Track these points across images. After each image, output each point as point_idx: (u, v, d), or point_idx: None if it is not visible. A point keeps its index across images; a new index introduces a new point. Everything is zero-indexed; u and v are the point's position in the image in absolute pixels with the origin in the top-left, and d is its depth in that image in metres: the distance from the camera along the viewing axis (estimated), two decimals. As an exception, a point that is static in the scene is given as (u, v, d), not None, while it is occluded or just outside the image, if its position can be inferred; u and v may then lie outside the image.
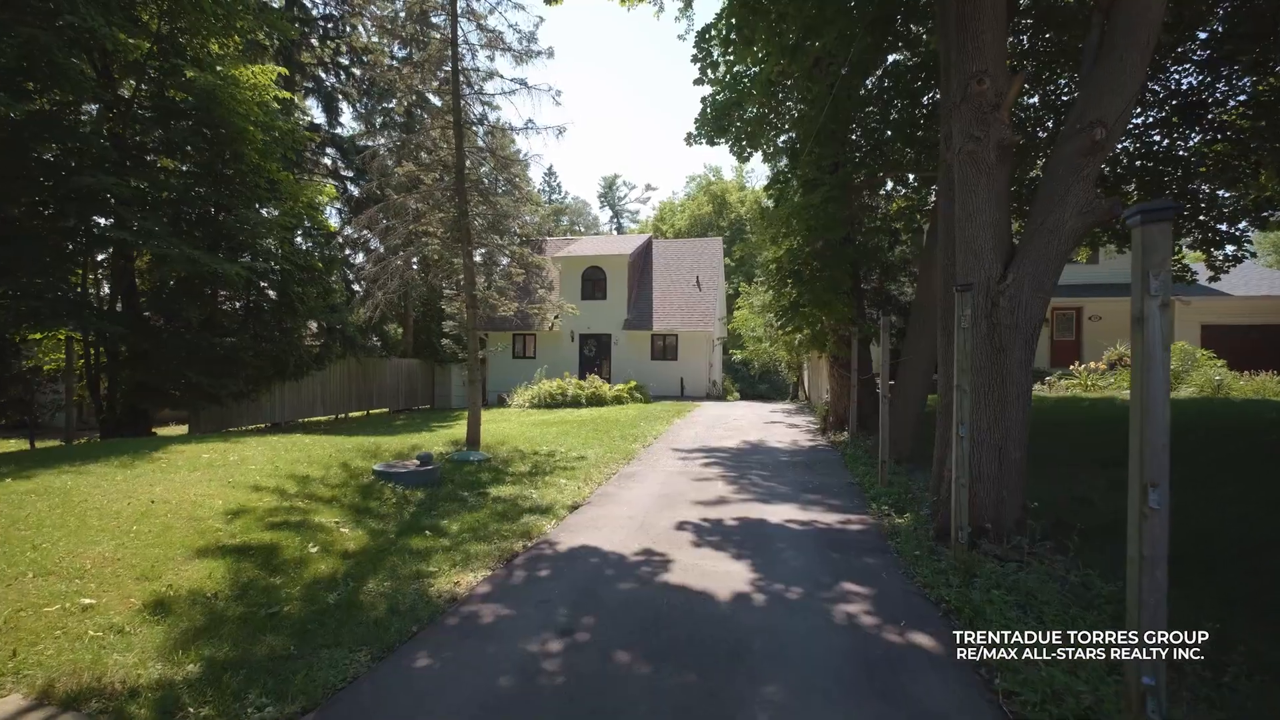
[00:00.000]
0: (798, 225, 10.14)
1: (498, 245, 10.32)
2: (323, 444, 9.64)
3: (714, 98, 10.82)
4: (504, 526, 5.82)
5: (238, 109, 11.74)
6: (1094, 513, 5.36)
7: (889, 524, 5.66)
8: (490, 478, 7.96)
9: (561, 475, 8.26)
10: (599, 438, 11.77)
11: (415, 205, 10.48)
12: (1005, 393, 4.73)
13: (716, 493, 7.16)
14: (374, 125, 20.01)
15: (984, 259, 4.77)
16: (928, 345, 8.59)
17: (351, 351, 18.43)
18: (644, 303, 24.84)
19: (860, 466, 8.40)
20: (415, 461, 7.56)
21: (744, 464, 9.07)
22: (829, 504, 6.63)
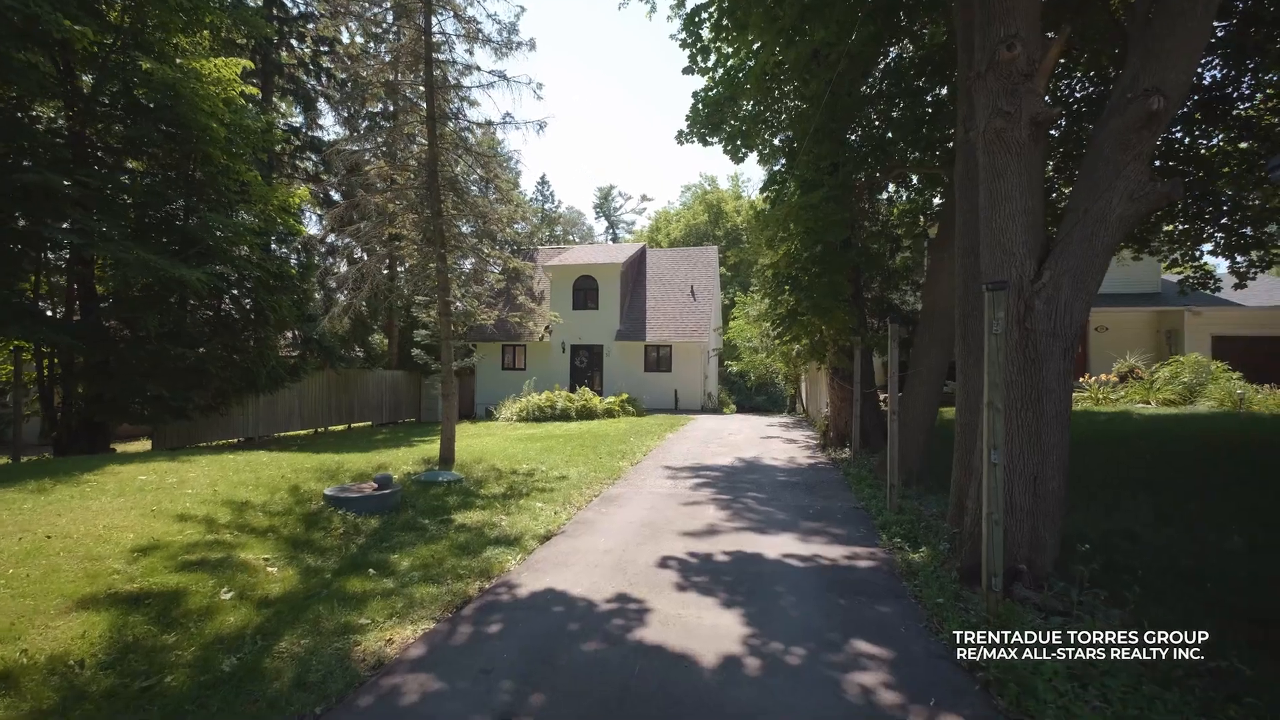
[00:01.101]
0: (795, 228, 9.49)
1: (473, 247, 9.62)
2: (281, 462, 8.87)
3: (706, 93, 10.20)
4: (462, 563, 5.07)
5: (201, 105, 11.07)
6: (1144, 549, 4.63)
7: (902, 560, 4.92)
8: (458, 501, 7.21)
9: (538, 498, 7.52)
10: (584, 454, 11.02)
11: (388, 205, 9.80)
12: (1041, 410, 4.03)
13: (706, 520, 6.41)
14: (359, 130, 19.38)
15: (1015, 255, 4.08)
16: (937, 356, 7.91)
17: (330, 363, 17.66)
18: (637, 313, 24.17)
19: (865, 488, 7.67)
20: (372, 484, 6.80)
21: (738, 485, 8.33)
22: (833, 534, 5.89)
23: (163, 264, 10.74)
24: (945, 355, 7.95)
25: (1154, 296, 18.14)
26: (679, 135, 10.76)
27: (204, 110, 11.18)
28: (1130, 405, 13.41)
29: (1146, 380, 14.29)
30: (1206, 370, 13.87)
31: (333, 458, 9.91)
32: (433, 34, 9.02)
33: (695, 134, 10.67)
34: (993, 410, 3.66)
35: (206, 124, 11.12)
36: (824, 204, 8.51)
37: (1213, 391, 12.57)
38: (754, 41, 8.35)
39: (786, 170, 10.51)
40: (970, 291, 5.16)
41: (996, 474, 3.64)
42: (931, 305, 8.03)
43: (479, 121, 9.65)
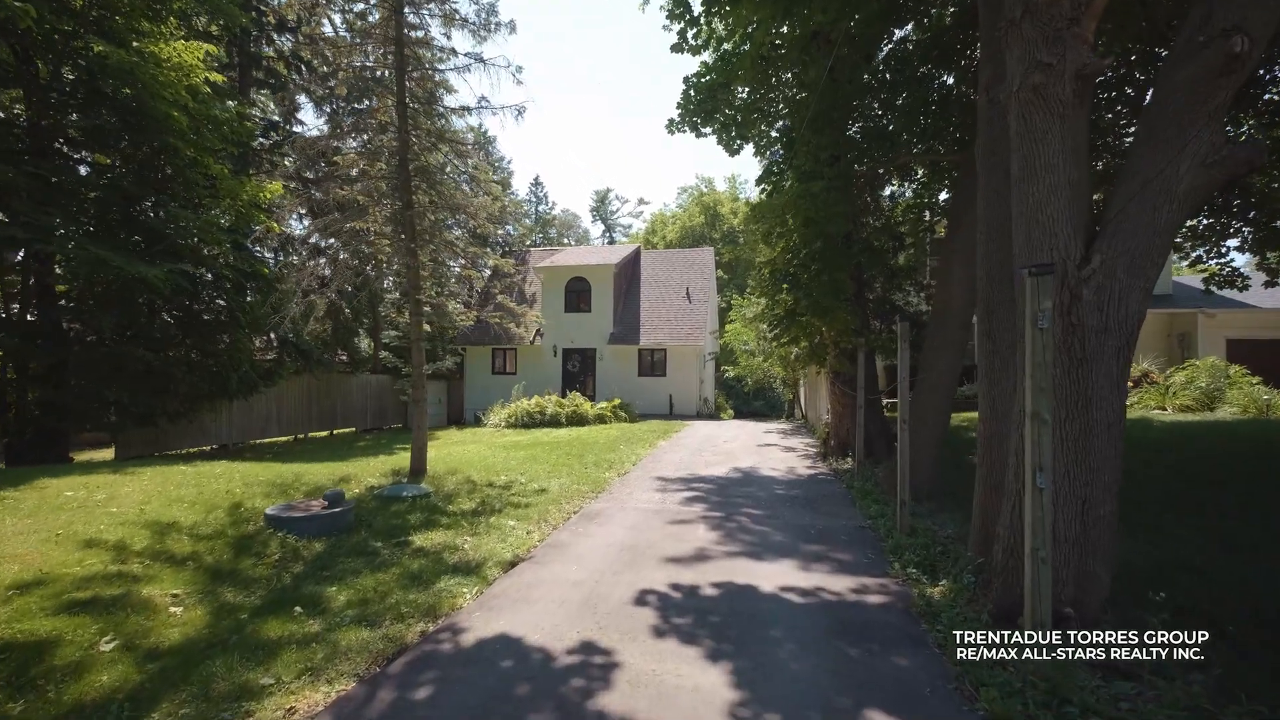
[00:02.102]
0: (794, 221, 8.82)
1: (447, 242, 8.94)
2: (236, 474, 8.16)
3: (698, 79, 9.55)
4: (409, 597, 4.37)
5: (162, 93, 10.40)
6: (1211, 587, 3.92)
7: (920, 595, 4.22)
8: (421, 519, 6.50)
9: (511, 515, 6.82)
10: (570, 464, 10.32)
11: (358, 197, 9.13)
12: (1089, 421, 3.34)
13: (695, 542, 5.71)
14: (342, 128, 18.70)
15: (1058, 235, 3.40)
16: (948, 360, 7.23)
17: (309, 367, 16.94)
18: (631, 316, 23.49)
19: (871, 504, 6.98)
20: (322, 502, 6.08)
21: (732, 499, 7.62)
22: (837, 560, 5.19)
23: (120, 261, 10.05)
24: (957, 358, 7.28)
25: (1165, 299, 17.50)
26: (669, 124, 10.10)
27: (165, 98, 10.51)
28: (1146, 412, 12.73)
29: (1161, 385, 13.63)
30: (1224, 374, 13.21)
31: (295, 468, 9.19)
32: (404, 13, 8.37)
33: (687, 122, 10.00)
34: (1038, 423, 2.97)
35: (168, 113, 10.44)
36: (824, 193, 7.85)
37: (1235, 397, 11.91)
38: (749, 18, 7.69)
39: (784, 161, 9.85)
40: (996, 282, 4.48)
41: (1042, 500, 2.95)
42: (942, 304, 7.36)
43: (454, 106, 8.97)
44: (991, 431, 4.44)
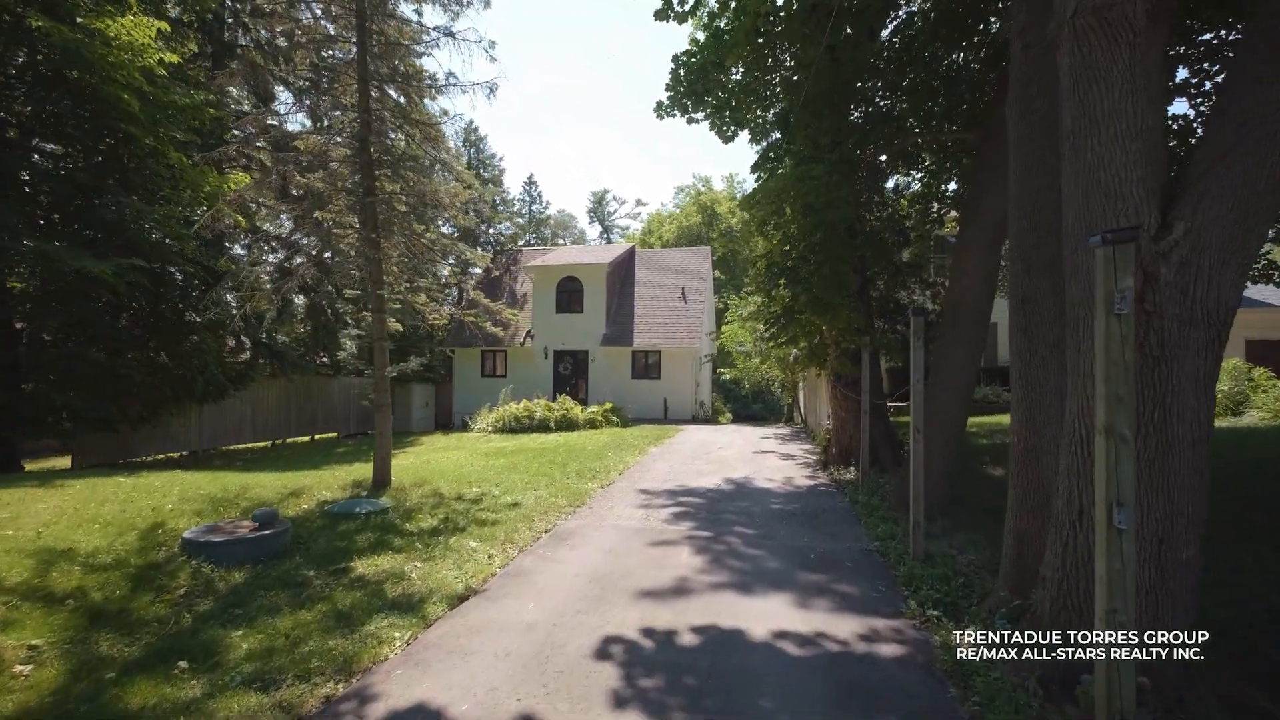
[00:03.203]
0: (792, 209, 8.09)
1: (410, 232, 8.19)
2: (177, 486, 7.40)
3: (688, 57, 8.82)
4: (326, 645, 3.62)
5: (114, 74, 9.66)
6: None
7: (945, 644, 3.47)
8: (370, 541, 5.74)
9: (474, 535, 6.07)
10: (551, 473, 9.57)
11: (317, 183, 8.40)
12: (1169, 437, 2.60)
13: (677, 570, 4.95)
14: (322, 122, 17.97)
15: (1124, 198, 2.67)
16: (962, 360, 6.48)
17: (284, 369, 16.17)
18: (624, 317, 22.73)
19: (878, 522, 6.22)
20: (251, 523, 5.32)
21: (723, 516, 6.87)
22: (841, 594, 4.43)
23: (61, 255, 9.30)
24: (973, 359, 6.54)
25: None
26: (658, 107, 9.35)
27: (117, 81, 9.78)
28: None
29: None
30: (1246, 377, 12.49)
31: (250, 479, 8.43)
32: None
33: (677, 105, 9.26)
34: (1114, 441, 2.22)
35: (119, 96, 9.70)
36: (825, 177, 7.11)
37: (1263, 402, 11.17)
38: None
39: (782, 145, 9.13)
40: (1033, 268, 3.73)
41: (1122, 546, 2.20)
42: (955, 299, 6.62)
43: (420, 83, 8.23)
44: (1028, 445, 3.69)
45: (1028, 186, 3.77)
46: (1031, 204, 3.75)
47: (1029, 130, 3.72)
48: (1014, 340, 3.82)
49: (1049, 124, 3.54)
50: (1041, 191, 3.64)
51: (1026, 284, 3.75)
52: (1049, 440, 3.60)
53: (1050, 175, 3.55)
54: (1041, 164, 3.63)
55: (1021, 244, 3.79)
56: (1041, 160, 3.62)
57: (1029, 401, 3.71)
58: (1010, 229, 3.92)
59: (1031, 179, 3.71)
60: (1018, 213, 3.85)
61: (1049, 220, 3.60)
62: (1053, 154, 3.50)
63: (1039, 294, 3.68)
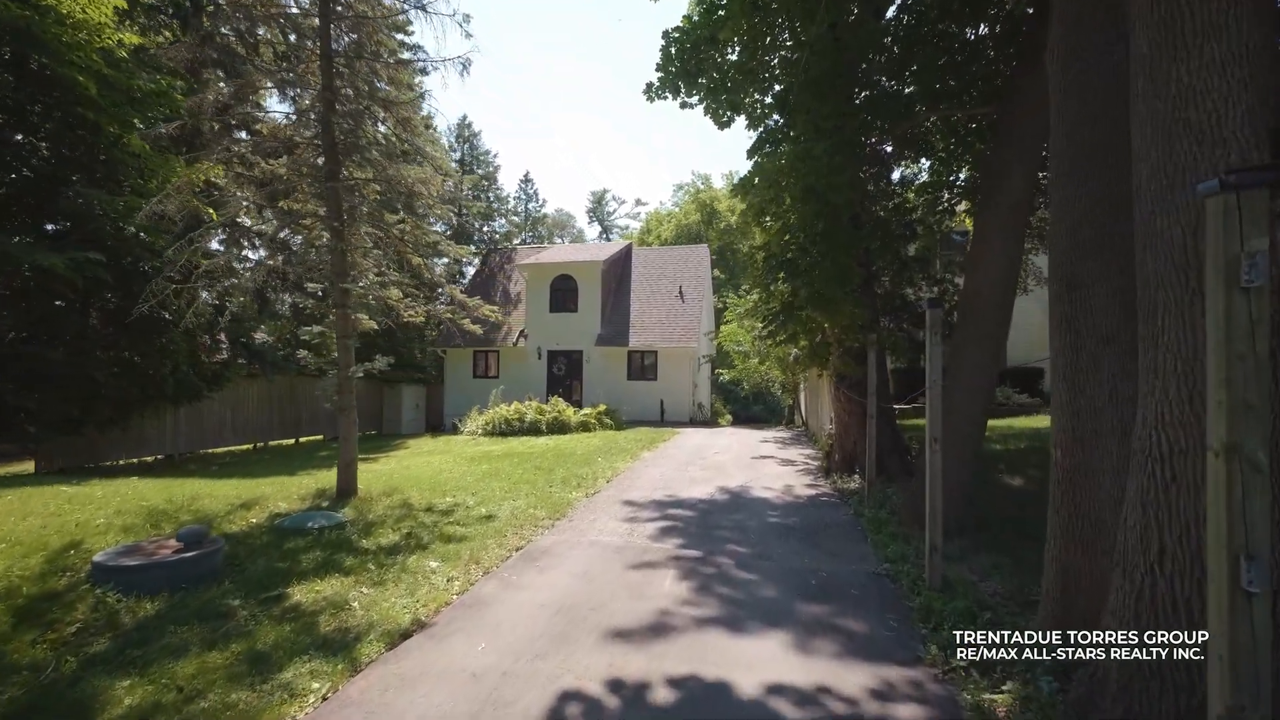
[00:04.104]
0: (792, 194, 7.44)
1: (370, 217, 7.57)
2: (119, 496, 6.80)
3: (680, 34, 8.19)
4: (227, 699, 3.00)
5: (69, 55, 9.06)
6: None
7: (976, 706, 2.83)
8: (317, 561, 5.11)
9: (437, 553, 5.44)
10: (534, 480, 8.94)
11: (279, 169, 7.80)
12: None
13: (657, 600, 4.31)
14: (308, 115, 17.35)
15: (1227, 141, 2.04)
16: (979, 359, 5.84)
17: (265, 369, 15.56)
18: (620, 316, 22.10)
19: (888, 540, 5.57)
20: (175, 544, 4.69)
21: (715, 531, 6.22)
22: (848, 630, 3.78)
23: (16, 250, 8.71)
24: (992, 358, 5.89)
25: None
26: (648, 89, 8.73)
27: (73, 63, 9.18)
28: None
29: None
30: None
31: (201, 487, 7.83)
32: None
33: (668, 86, 8.63)
34: (1241, 466, 1.57)
35: (73, 78, 9.10)
36: (827, 157, 6.47)
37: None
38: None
39: (781, 129, 8.49)
40: (1083, 245, 3.09)
41: (1253, 612, 1.55)
42: (973, 291, 5.98)
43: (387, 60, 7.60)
44: (1075, 461, 3.04)
45: (1075, 147, 3.13)
46: (1085, 163, 3.10)
47: (1079, 78, 3.08)
48: (1056, 335, 3.17)
49: (1105, 67, 2.91)
50: (1094, 151, 3.01)
51: (1071, 266, 3.11)
52: (1101, 456, 2.96)
53: (1106, 129, 2.92)
54: (1093, 117, 3.00)
55: (1066, 217, 3.14)
56: (1093, 113, 2.99)
57: (1074, 409, 3.06)
58: (1052, 200, 3.27)
59: (1080, 136, 3.07)
60: (1062, 180, 3.20)
61: (1103, 186, 2.97)
62: (1109, 103, 2.87)
63: (1087, 277, 3.04)
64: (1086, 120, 3.01)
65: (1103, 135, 2.94)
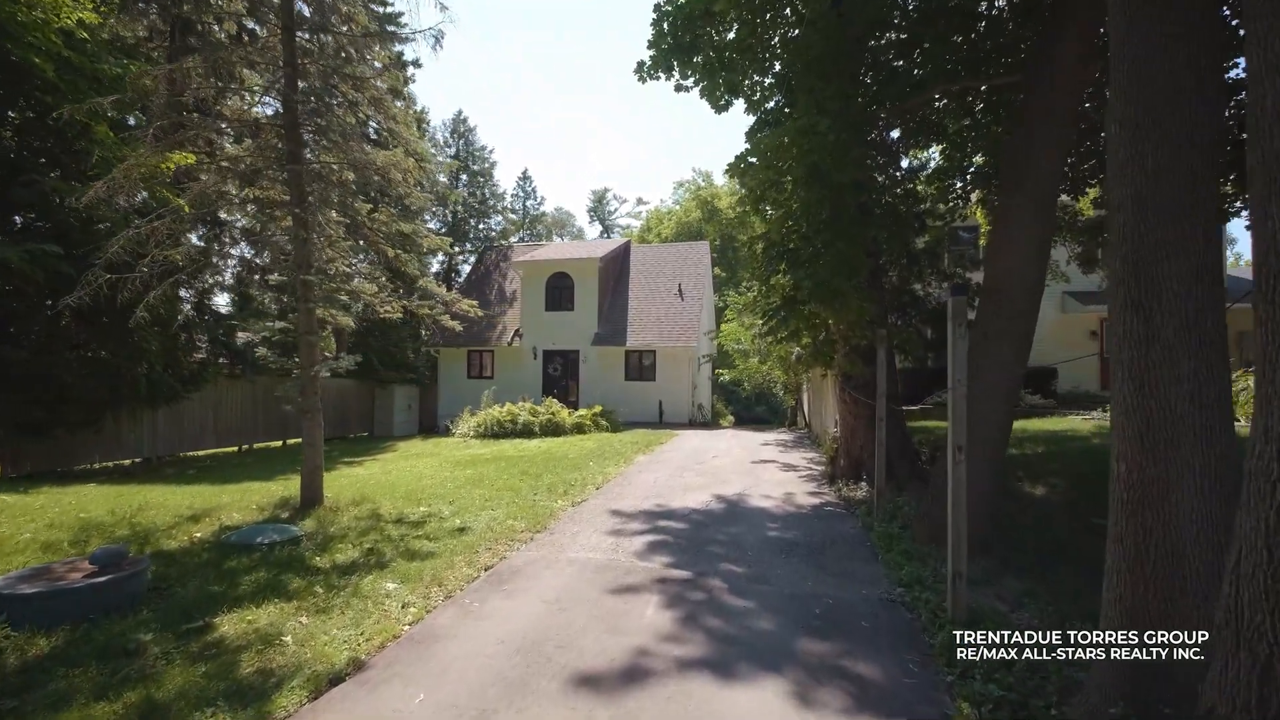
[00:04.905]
0: (794, 181, 6.84)
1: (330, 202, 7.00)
2: (59, 507, 6.25)
3: (672, 6, 7.60)
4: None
5: (25, 36, 8.53)
6: None
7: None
8: (259, 584, 4.54)
9: (397, 573, 4.86)
10: (519, 487, 8.37)
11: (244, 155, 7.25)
12: None
13: (635, 635, 3.71)
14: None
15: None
16: (1005, 355, 5.23)
17: (247, 369, 15.01)
18: (618, 315, 21.51)
19: (902, 560, 4.96)
20: (88, 567, 4.11)
21: (707, 548, 5.62)
22: (860, 678, 3.19)
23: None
24: (1017, 355, 5.28)
25: (1217, 292, 15.46)
26: (639, 67, 8.14)
27: (29, 44, 8.64)
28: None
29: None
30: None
31: (153, 496, 7.29)
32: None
33: (661, 65, 8.04)
34: None
35: (29, 60, 8.56)
36: (831, 133, 5.87)
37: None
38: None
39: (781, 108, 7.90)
40: (1152, 203, 2.47)
41: None
42: (997, 281, 5.37)
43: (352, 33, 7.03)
44: (1144, 477, 2.44)
45: (1153, 83, 2.50)
46: (1156, 109, 2.49)
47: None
48: (1119, 322, 2.57)
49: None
50: (1175, 87, 2.40)
51: (1139, 236, 2.50)
52: (1180, 471, 2.37)
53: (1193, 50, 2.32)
54: (1174, 36, 2.39)
55: (1137, 174, 2.52)
56: (1176, 31, 2.38)
57: (1144, 412, 2.45)
58: (1112, 158, 2.65)
59: (1154, 67, 2.46)
60: (1125, 130, 2.58)
61: (1187, 128, 2.37)
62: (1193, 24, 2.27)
63: (1163, 250, 2.43)
64: (1164, 46, 2.40)
65: (1188, 61, 2.34)
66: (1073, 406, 12.89)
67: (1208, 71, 2.42)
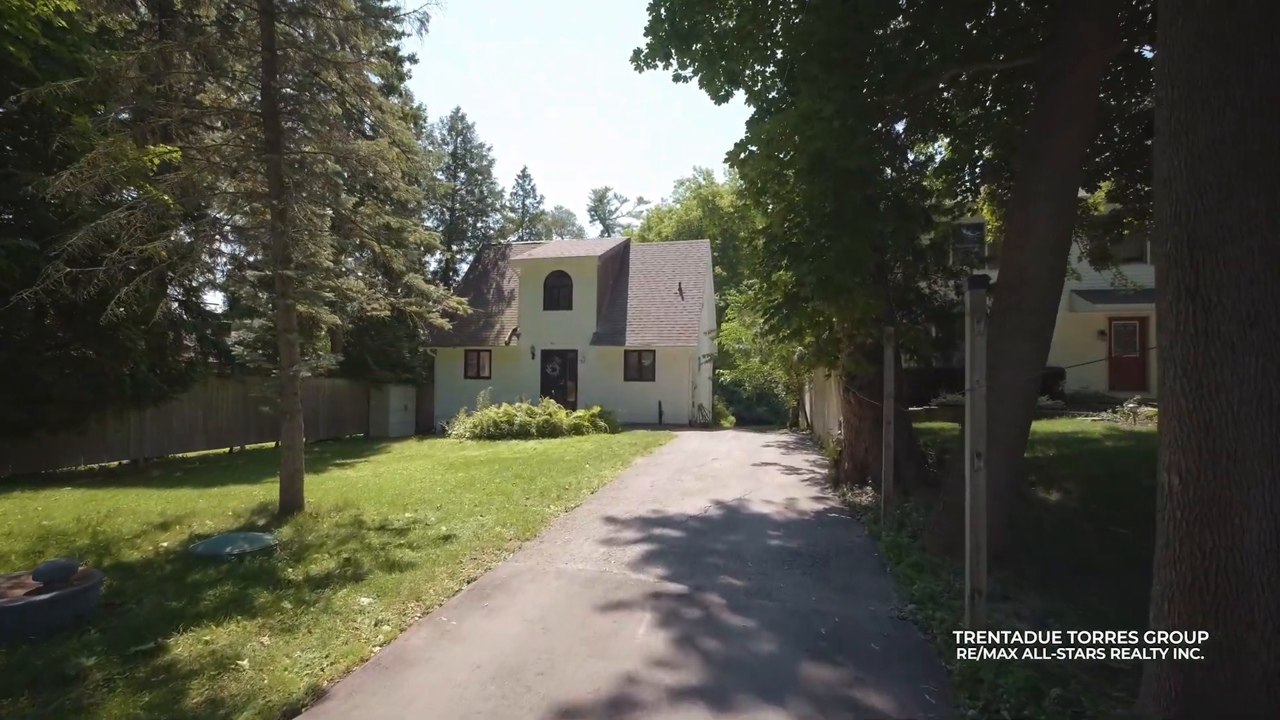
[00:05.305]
0: (796, 172, 6.53)
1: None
2: (22, 514, 5.93)
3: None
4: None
5: (3, 25, 8.23)
6: None
7: None
8: (223, 599, 4.23)
9: (373, 586, 4.55)
10: (511, 491, 8.06)
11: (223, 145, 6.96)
12: None
13: (623, 660, 3.39)
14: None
15: None
16: (1024, 354, 4.91)
17: (236, 370, 14.71)
18: (617, 314, 21.20)
19: (913, 572, 4.64)
20: (30, 582, 3.80)
21: (705, 558, 5.30)
22: (872, 711, 2.87)
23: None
24: (1037, 353, 4.96)
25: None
26: (635, 55, 7.83)
27: (4, 31, 8.35)
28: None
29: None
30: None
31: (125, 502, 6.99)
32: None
33: (658, 53, 7.73)
34: None
35: (3, 46, 8.27)
36: (836, 119, 5.55)
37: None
38: None
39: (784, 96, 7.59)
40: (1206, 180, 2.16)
41: None
42: (1016, 274, 5.04)
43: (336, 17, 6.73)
44: (1203, 492, 2.12)
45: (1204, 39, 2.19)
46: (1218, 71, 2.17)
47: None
48: (1170, 314, 2.25)
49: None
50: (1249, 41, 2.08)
51: (1197, 213, 2.18)
52: (1246, 486, 2.05)
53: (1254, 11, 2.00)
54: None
55: (1185, 145, 2.21)
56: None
57: (1203, 416, 2.13)
58: (1162, 126, 2.33)
59: (1220, 24, 2.14)
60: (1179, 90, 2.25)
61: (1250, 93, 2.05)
62: None
63: (1225, 232, 2.11)
64: (1220, 18, 2.08)
65: (1259, 12, 2.02)
66: (1081, 407, 12.58)
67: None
